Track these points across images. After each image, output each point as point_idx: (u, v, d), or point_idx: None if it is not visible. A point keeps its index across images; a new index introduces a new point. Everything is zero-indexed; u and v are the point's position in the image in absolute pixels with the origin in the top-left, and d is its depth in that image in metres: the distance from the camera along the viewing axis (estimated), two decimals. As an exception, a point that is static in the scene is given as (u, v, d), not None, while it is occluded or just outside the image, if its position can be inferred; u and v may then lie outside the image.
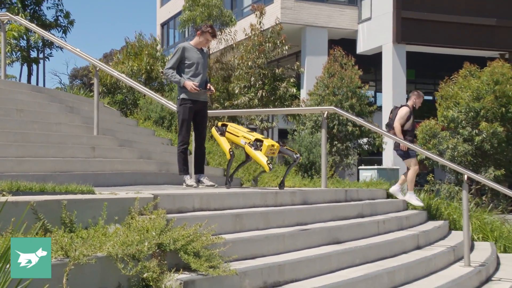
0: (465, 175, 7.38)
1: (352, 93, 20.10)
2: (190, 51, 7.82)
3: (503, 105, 19.66)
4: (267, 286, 4.79)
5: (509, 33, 29.16)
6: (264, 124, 20.08)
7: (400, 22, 27.79)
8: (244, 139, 7.39)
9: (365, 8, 29.88)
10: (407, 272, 6.11)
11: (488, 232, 10.55)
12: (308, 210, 6.87)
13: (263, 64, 19.51)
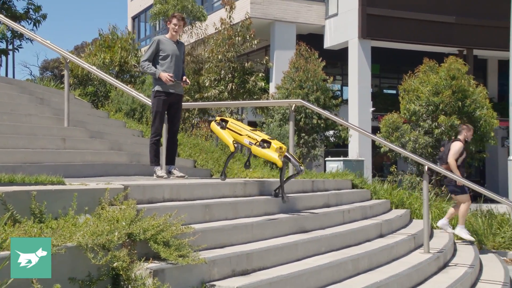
0: (426, 166, 7.46)
1: (317, 86, 20.16)
2: (166, 44, 7.70)
3: (459, 99, 20.04)
4: (235, 274, 4.77)
5: (467, 30, 29.52)
6: (233, 116, 20.04)
7: (365, 18, 27.93)
8: (249, 138, 6.81)
9: (332, 4, 29.96)
10: (370, 259, 6.14)
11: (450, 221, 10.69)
12: (276, 200, 6.86)
13: (232, 58, 19.46)
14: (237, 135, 6.95)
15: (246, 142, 6.81)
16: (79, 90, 15.22)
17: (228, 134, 7.02)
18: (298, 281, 4.92)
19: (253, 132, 6.88)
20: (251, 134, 6.83)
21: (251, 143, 6.71)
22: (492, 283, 7.22)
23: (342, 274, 5.52)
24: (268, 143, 6.61)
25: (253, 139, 6.72)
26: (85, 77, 15.67)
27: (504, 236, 10.59)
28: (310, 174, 11.56)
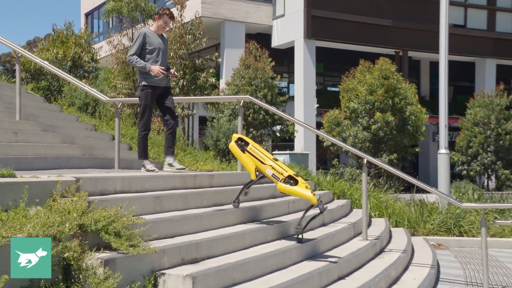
0: (365, 159, 7.53)
1: (265, 83, 20.21)
2: (151, 37, 7.41)
3: (391, 98, 20.47)
4: (184, 262, 4.72)
5: (403, 33, 30.10)
6: (185, 111, 19.91)
7: (310, 20, 28.12)
8: (273, 170, 5.89)
9: (279, 6, 30.08)
10: (313, 247, 6.17)
11: (383, 210, 10.90)
12: (225, 192, 6.82)
13: (184, 55, 19.30)
14: (259, 163, 6.00)
15: (269, 173, 5.90)
16: (32, 85, 14.80)
17: (249, 159, 6.05)
18: (245, 268, 4.89)
19: (275, 163, 5.98)
20: (276, 166, 5.91)
21: (276, 177, 5.82)
22: (422, 266, 7.36)
23: (287, 261, 5.53)
24: (294, 180, 5.78)
25: (279, 173, 5.83)
26: (38, 72, 15.25)
27: (434, 223, 10.84)
28: (257, 166, 11.55)
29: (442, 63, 13.12)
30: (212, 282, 4.46)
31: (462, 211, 10.90)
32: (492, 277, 7.63)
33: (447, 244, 10.40)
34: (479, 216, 8.97)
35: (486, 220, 7.39)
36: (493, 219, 10.32)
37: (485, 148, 24.66)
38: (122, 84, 18.99)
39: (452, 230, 10.79)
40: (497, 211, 11.14)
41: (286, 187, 5.76)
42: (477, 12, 33.19)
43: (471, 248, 10.23)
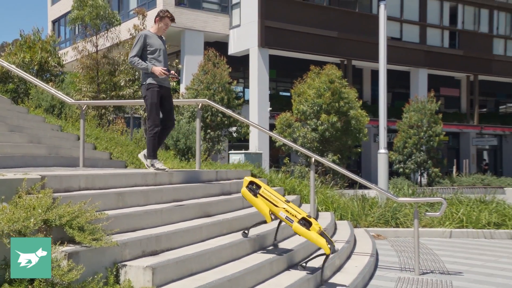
0: (313, 158, 7.58)
1: (222, 88, 20.17)
2: (152, 38, 7.00)
3: (336, 101, 20.72)
4: (145, 254, 4.66)
5: (347, 44, 30.51)
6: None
7: (263, 30, 28.22)
8: (287, 213, 5.57)
9: (235, 16, 30.08)
10: (265, 239, 6.16)
11: (329, 204, 10.99)
12: (183, 188, 6.77)
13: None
14: (272, 206, 5.66)
15: (282, 216, 5.59)
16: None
17: (262, 203, 5.69)
18: (202, 260, 4.86)
19: (288, 205, 5.65)
20: (289, 209, 5.60)
21: (290, 219, 5.53)
22: (363, 254, 7.46)
23: (240, 252, 5.51)
24: (308, 222, 5.48)
25: (293, 216, 5.53)
26: (5, 75, 14.84)
27: (374, 216, 11.01)
28: (214, 165, 11.52)
29: (381, 71, 13.31)
30: (171, 273, 4.42)
31: (399, 205, 11.11)
32: (422, 263, 7.81)
33: (385, 234, 10.57)
34: (413, 209, 9.17)
35: (418, 213, 7.56)
36: (425, 212, 10.52)
37: (418, 148, 25.17)
38: (87, 88, 18.68)
39: (390, 222, 10.98)
40: (428, 205, 11.41)
41: (301, 229, 5.45)
42: (411, 27, 33.89)
43: (405, 238, 10.42)
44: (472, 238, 10.82)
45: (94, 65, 18.57)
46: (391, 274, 7.07)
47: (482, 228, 11.11)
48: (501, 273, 7.37)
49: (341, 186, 16.82)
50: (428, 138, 25.13)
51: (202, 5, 30.08)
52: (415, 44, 33.77)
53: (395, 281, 6.69)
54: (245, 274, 4.84)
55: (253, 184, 5.78)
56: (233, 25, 30.15)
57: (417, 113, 25.51)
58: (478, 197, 12.47)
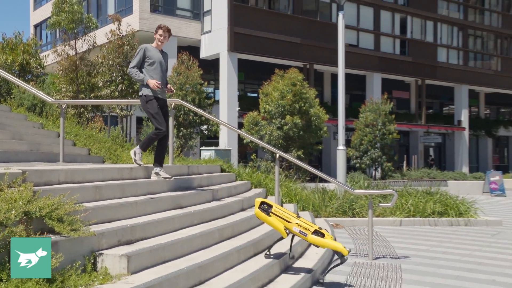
0: (277, 154, 7.61)
1: (193, 89, 20.06)
2: (152, 51, 6.77)
3: (298, 102, 20.85)
4: (121, 244, 4.61)
5: (309, 49, 30.63)
6: (123, 112, 19.47)
7: (233, 36, 28.16)
8: (300, 227, 5.53)
9: (206, 23, 29.98)
10: (233, 229, 6.17)
11: (293, 196, 11.04)
12: (157, 182, 6.71)
13: (122, 63, 18.87)
14: (286, 223, 5.59)
15: (296, 230, 5.54)
16: (-17, 87, 14.06)
17: (276, 220, 5.60)
18: (174, 248, 4.84)
19: (300, 220, 5.63)
20: (301, 223, 5.57)
21: (303, 232, 5.50)
22: (324, 244, 7.50)
23: (210, 241, 5.51)
24: (321, 234, 5.50)
25: (306, 229, 5.51)
26: (-13, 76, 14.48)
27: (333, 207, 11.12)
28: (186, 160, 11.45)
29: (340, 75, 13.42)
30: (145, 260, 4.38)
31: (355, 196, 11.24)
32: (375, 248, 7.93)
33: (343, 223, 10.68)
34: (368, 200, 9.30)
35: (372, 204, 7.64)
36: (378, 203, 10.69)
37: (373, 145, 25.43)
38: (66, 88, 18.38)
39: (347, 212, 11.11)
40: (381, 196, 11.56)
41: (317, 240, 5.45)
42: (366, 35, 34.25)
43: (361, 226, 10.55)
44: (419, 226, 11.03)
45: (73, 67, 18.28)
46: (348, 259, 7.15)
47: (427, 216, 11.35)
48: (443, 256, 7.55)
49: (304, 180, 16.93)
50: (382, 136, 25.43)
51: (175, 12, 29.88)
52: (370, 50, 34.15)
53: (351, 265, 6.77)
54: (215, 261, 4.83)
55: (264, 204, 5.67)
56: (204, 31, 30.02)
57: (372, 113, 25.78)
58: (425, 189, 12.70)
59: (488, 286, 5.84)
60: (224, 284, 4.46)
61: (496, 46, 42.39)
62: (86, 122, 15.54)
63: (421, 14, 37.21)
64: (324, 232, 5.52)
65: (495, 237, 9.78)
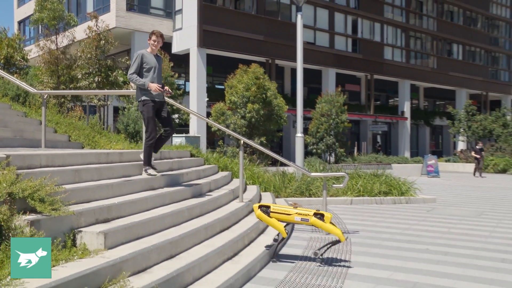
0: (242, 140, 7.60)
1: (165, 81, 19.83)
2: (148, 57, 6.42)
3: (261, 93, 20.89)
4: (98, 222, 4.56)
5: (271, 46, 30.66)
6: (100, 102, 19.11)
7: (202, 33, 27.91)
8: (300, 215, 5.42)
9: (177, 21, 29.61)
10: (201, 208, 6.17)
11: (256, 179, 11.07)
12: (132, 166, 6.64)
13: (99, 56, 18.49)
14: (286, 216, 5.47)
15: (298, 219, 5.43)
16: (-32, 79, 13.52)
17: (276, 221, 5.47)
18: (147, 226, 4.81)
19: (298, 209, 5.51)
20: (300, 211, 5.46)
21: (305, 219, 5.41)
22: (284, 221, 7.57)
23: (180, 219, 5.49)
24: (321, 215, 5.40)
25: (306, 215, 5.41)
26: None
27: (292, 188, 11.19)
28: (159, 146, 11.32)
29: (298, 69, 13.47)
30: (120, 237, 4.35)
31: (312, 179, 11.35)
32: (330, 226, 8.03)
33: (301, 203, 10.72)
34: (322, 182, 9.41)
35: (327, 185, 7.73)
36: (332, 184, 10.82)
37: (328, 133, 25.73)
38: (48, 80, 17.93)
39: (304, 193, 11.21)
40: (334, 178, 11.70)
41: (319, 222, 5.36)
42: (322, 34, 34.46)
43: (316, 205, 10.63)
44: (367, 204, 11.24)
45: (54, 60, 17.82)
46: (304, 234, 7.25)
47: (374, 196, 11.57)
48: (387, 230, 7.73)
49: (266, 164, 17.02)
50: (336, 124, 25.73)
51: (149, 10, 29.42)
52: (326, 48, 34.39)
53: (307, 240, 6.86)
54: (184, 237, 4.83)
55: (263, 207, 5.58)
56: (176, 28, 29.64)
57: (327, 104, 26.04)
58: (372, 172, 12.93)
59: (423, 254, 6.03)
60: (193, 258, 4.47)
61: (433, 47, 43.30)
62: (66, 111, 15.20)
63: (370, 17, 37.69)
64: (324, 213, 5.44)
65: (430, 212, 10.07)
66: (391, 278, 4.92)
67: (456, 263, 5.63)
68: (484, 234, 7.63)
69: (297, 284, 4.66)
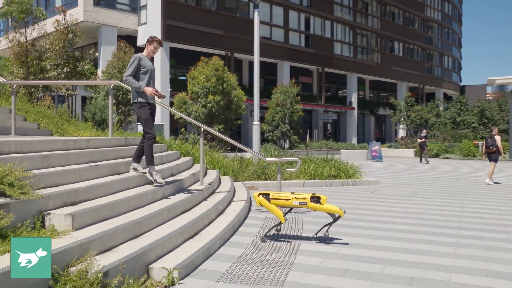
0: (202, 128, 7.57)
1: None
2: (145, 60, 6.06)
3: (221, 84, 20.83)
4: (66, 205, 4.46)
5: (231, 40, 30.51)
6: (69, 92, 18.54)
7: (165, 27, 27.45)
8: (298, 199, 5.38)
9: (142, 16, 28.97)
10: (164, 191, 6.11)
11: (215, 164, 11.05)
12: (98, 152, 6.51)
13: (67, 48, 17.90)
14: (285, 201, 5.42)
15: (296, 203, 5.39)
16: None
17: (275, 208, 5.42)
18: (112, 208, 4.74)
19: (297, 194, 5.47)
20: (298, 196, 5.41)
21: (303, 202, 5.36)
22: (240, 201, 7.63)
23: (144, 201, 5.44)
24: (318, 198, 5.36)
25: (303, 199, 5.37)
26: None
27: (249, 172, 11.25)
28: (125, 134, 11.12)
29: (255, 62, 13.48)
30: (87, 219, 4.28)
31: (267, 163, 11.43)
32: (284, 206, 8.13)
33: (257, 186, 10.82)
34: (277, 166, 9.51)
35: (281, 169, 7.80)
36: (286, 168, 10.94)
37: (283, 121, 25.92)
38: (18, 71, 17.26)
39: (261, 177, 11.28)
40: (288, 163, 11.84)
41: (316, 205, 5.34)
42: (277, 29, 34.52)
43: (272, 188, 10.73)
44: (318, 186, 11.42)
45: (24, 52, 17.13)
46: (260, 215, 7.32)
47: (324, 179, 11.78)
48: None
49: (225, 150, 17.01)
50: (290, 113, 25.94)
51: (116, 5, 28.61)
52: (281, 43, 34.49)
53: (263, 219, 6.93)
54: (148, 218, 4.80)
55: (263, 194, 5.51)
56: (141, 23, 28.99)
57: (282, 94, 26.18)
58: (323, 157, 13.15)
59: (367, 231, 6.22)
60: (156, 237, 4.45)
61: (377, 44, 44.20)
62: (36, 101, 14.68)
63: (321, 15, 38.02)
64: (320, 195, 5.41)
65: (374, 193, 10.37)
66: (338, 253, 5.05)
67: (395, 238, 5.84)
68: (419, 211, 7.93)
69: (253, 259, 4.73)
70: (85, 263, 3.42)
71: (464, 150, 28.32)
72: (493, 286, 4.05)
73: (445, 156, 28.34)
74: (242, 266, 4.48)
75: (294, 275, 4.23)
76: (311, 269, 4.43)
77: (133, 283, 3.65)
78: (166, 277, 3.89)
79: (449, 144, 30.50)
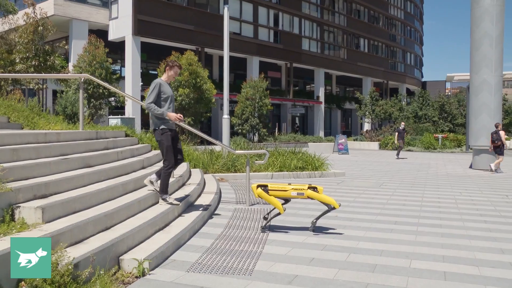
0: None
1: (101, 66, 19.03)
2: (165, 86, 5.76)
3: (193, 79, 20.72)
4: (36, 198, 4.35)
5: (201, 36, 30.28)
6: (38, 85, 18.02)
7: (136, 22, 26.97)
8: (296, 190, 5.33)
9: (113, 10, 28.36)
10: (135, 183, 6.05)
11: (186, 156, 10.99)
12: (69, 145, 6.36)
13: (37, 42, 17.36)
14: (283, 193, 5.36)
15: (294, 194, 5.33)
16: None
17: (274, 199, 5.35)
18: (83, 200, 4.66)
19: (295, 185, 5.40)
20: (296, 187, 5.35)
21: (300, 193, 5.32)
22: (210, 193, 7.61)
23: (115, 194, 5.37)
24: (315, 188, 5.35)
25: (301, 189, 5.32)
26: None
27: (219, 164, 11.23)
28: (96, 127, 10.90)
29: (225, 57, 13.43)
30: (58, 211, 4.19)
31: (237, 156, 11.44)
32: (252, 197, 8.16)
33: (227, 178, 10.83)
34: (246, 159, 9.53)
35: (250, 161, 7.83)
36: (255, 160, 10.97)
37: (253, 115, 25.95)
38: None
39: (230, 169, 11.28)
40: (257, 155, 11.86)
41: (314, 194, 5.30)
42: (247, 25, 34.44)
43: (241, 180, 10.77)
44: (286, 178, 11.49)
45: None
46: (230, 206, 7.33)
47: (292, 171, 11.88)
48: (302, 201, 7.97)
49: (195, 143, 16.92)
50: (259, 107, 25.98)
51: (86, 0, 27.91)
52: (250, 38, 34.42)
53: (232, 210, 6.95)
54: (119, 211, 4.74)
55: (262, 186, 5.41)
56: (112, 17, 28.36)
57: (251, 89, 26.18)
58: (291, 149, 13.23)
59: (333, 221, 6.32)
60: (127, 229, 4.40)
61: (343, 40, 44.72)
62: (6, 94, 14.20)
63: (290, 11, 38.15)
64: (317, 187, 5.40)
65: (340, 184, 10.53)
66: (305, 242, 5.12)
67: (359, 227, 5.97)
68: (383, 202, 8.11)
69: (222, 250, 4.74)
70: (55, 255, 3.35)
71: (425, 143, 29.06)
72: (449, 270, 4.20)
73: (407, 149, 29.01)
74: (212, 256, 4.49)
75: (262, 264, 4.26)
76: (279, 258, 4.48)
77: (104, 274, 3.60)
78: (137, 268, 3.87)
79: (411, 137, 31.22)
